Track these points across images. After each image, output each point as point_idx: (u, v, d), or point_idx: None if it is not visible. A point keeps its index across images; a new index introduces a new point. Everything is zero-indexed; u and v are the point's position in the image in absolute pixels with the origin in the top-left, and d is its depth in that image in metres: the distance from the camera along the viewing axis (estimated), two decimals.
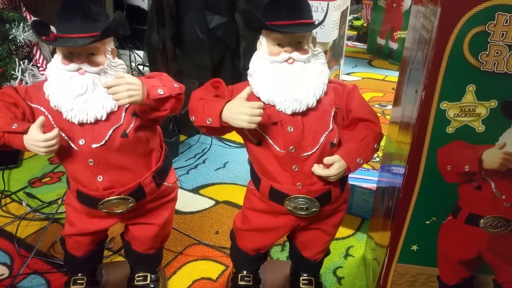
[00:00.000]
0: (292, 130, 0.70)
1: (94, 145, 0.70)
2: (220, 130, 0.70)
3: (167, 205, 0.82)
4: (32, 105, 0.71)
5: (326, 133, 0.71)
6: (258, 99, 0.70)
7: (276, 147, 0.71)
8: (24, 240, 1.06)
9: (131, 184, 0.74)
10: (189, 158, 1.46)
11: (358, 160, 0.70)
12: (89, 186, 0.74)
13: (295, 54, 0.69)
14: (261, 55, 0.71)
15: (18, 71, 1.35)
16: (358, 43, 2.88)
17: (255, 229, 0.81)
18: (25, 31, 1.39)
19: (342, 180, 0.75)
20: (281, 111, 0.69)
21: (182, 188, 1.29)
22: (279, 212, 0.76)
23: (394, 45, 2.46)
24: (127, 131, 0.72)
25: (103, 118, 0.70)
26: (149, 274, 0.87)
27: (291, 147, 0.70)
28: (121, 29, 0.70)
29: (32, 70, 1.40)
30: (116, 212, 0.76)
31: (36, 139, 0.65)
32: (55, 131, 0.66)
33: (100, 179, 0.73)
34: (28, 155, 1.45)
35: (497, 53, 0.58)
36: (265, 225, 0.79)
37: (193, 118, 0.71)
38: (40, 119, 0.66)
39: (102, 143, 0.70)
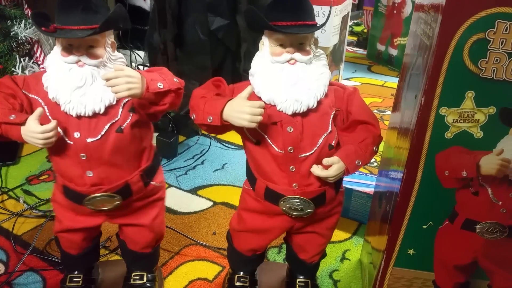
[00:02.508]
0: (291, 130, 0.70)
1: (89, 140, 0.70)
2: (221, 128, 0.70)
3: (154, 204, 0.82)
4: (30, 95, 0.71)
5: (325, 134, 0.72)
6: (259, 98, 0.71)
7: (274, 147, 0.71)
8: (20, 237, 1.06)
9: (119, 181, 0.73)
10: (187, 159, 1.46)
11: (357, 162, 0.71)
12: (77, 181, 0.73)
13: (297, 55, 0.69)
14: (263, 55, 0.72)
15: (18, 68, 1.35)
16: (358, 49, 2.89)
17: (250, 230, 0.81)
18: (27, 28, 1.39)
19: (337, 182, 0.75)
20: (282, 111, 0.70)
21: (180, 188, 1.30)
22: (273, 213, 0.76)
23: (393, 52, 2.47)
24: (122, 127, 0.71)
25: (101, 111, 0.70)
26: (145, 273, 0.87)
27: (289, 148, 0.71)
28: (121, 22, 0.70)
29: (32, 67, 1.40)
30: (102, 209, 0.75)
31: (34, 131, 0.65)
32: (53, 123, 0.66)
33: (90, 174, 0.72)
34: (26, 152, 1.45)
35: (497, 60, 0.59)
36: (260, 225, 0.79)
37: (194, 116, 0.72)
38: (38, 111, 0.66)
39: (98, 138, 0.70)
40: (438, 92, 0.62)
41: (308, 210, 0.74)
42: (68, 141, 0.70)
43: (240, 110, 0.66)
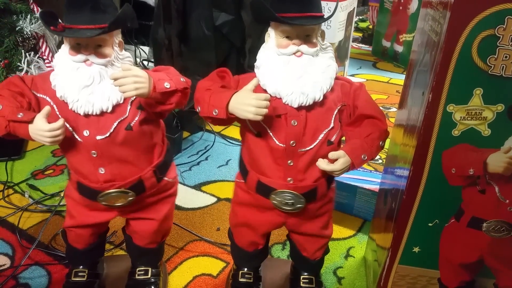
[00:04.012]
0: (295, 124, 0.70)
1: (98, 137, 0.70)
2: (226, 121, 0.70)
3: (167, 200, 0.82)
4: (38, 95, 0.71)
5: (326, 130, 0.71)
6: (265, 91, 0.70)
7: (275, 140, 0.71)
8: (26, 232, 1.07)
9: (132, 177, 0.74)
10: (191, 154, 1.46)
11: (362, 156, 0.70)
12: (90, 178, 0.74)
13: (304, 47, 0.69)
14: (269, 47, 0.71)
15: (24, 62, 1.35)
16: (363, 45, 2.88)
17: (242, 224, 0.81)
18: (32, 23, 1.39)
19: (328, 179, 0.75)
20: (287, 104, 0.69)
21: (184, 184, 1.30)
22: (264, 206, 0.76)
23: (399, 48, 2.46)
24: (131, 124, 0.72)
25: (109, 110, 0.70)
26: (150, 269, 0.88)
27: (292, 142, 0.70)
28: (129, 21, 0.70)
29: (37, 62, 1.41)
30: (115, 205, 0.76)
31: (42, 129, 0.65)
32: (60, 122, 0.66)
33: (102, 171, 0.73)
34: (31, 147, 1.45)
35: (506, 57, 0.58)
36: (251, 219, 0.80)
37: (199, 108, 0.71)
38: (46, 109, 0.67)
39: (107, 135, 0.70)
40: (446, 89, 0.61)
41: (299, 205, 0.73)
42: (79, 139, 0.71)
43: (245, 103, 0.66)
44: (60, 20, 0.69)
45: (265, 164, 0.73)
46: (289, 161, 0.71)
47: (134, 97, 0.71)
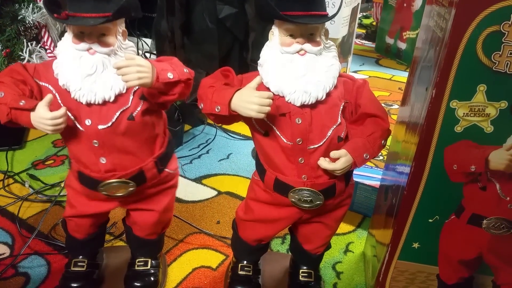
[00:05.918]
0: (300, 122, 0.70)
1: (100, 127, 0.70)
2: (228, 118, 0.70)
3: (167, 191, 0.82)
4: (40, 83, 0.71)
5: (334, 126, 0.71)
6: (268, 89, 0.70)
7: (283, 138, 0.71)
8: (25, 221, 1.07)
9: (133, 168, 0.74)
10: (193, 147, 1.46)
11: (364, 155, 0.70)
12: (92, 167, 0.74)
13: (307, 46, 0.68)
14: (272, 45, 0.71)
15: (25, 52, 1.35)
16: (366, 42, 2.87)
17: (258, 220, 0.81)
18: (34, 12, 1.38)
19: (347, 174, 0.75)
20: (290, 103, 0.69)
21: (185, 177, 1.30)
22: (282, 204, 0.76)
23: (402, 45, 2.45)
24: (133, 114, 0.72)
25: (111, 100, 0.70)
26: (149, 260, 0.88)
27: (298, 139, 0.70)
28: (133, 11, 0.70)
29: (39, 52, 1.40)
30: (116, 195, 0.76)
31: (43, 117, 0.65)
32: (62, 110, 0.66)
33: (103, 161, 0.73)
34: (32, 137, 1.45)
35: (511, 53, 0.58)
36: (268, 216, 0.79)
37: (202, 105, 0.71)
38: (48, 97, 0.66)
39: (109, 124, 0.70)
40: (450, 85, 0.61)
41: (318, 202, 0.73)
42: (80, 128, 0.71)
43: (248, 100, 0.66)
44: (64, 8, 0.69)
45: (280, 163, 0.73)
46: (300, 159, 0.71)
47: (137, 87, 0.71)
